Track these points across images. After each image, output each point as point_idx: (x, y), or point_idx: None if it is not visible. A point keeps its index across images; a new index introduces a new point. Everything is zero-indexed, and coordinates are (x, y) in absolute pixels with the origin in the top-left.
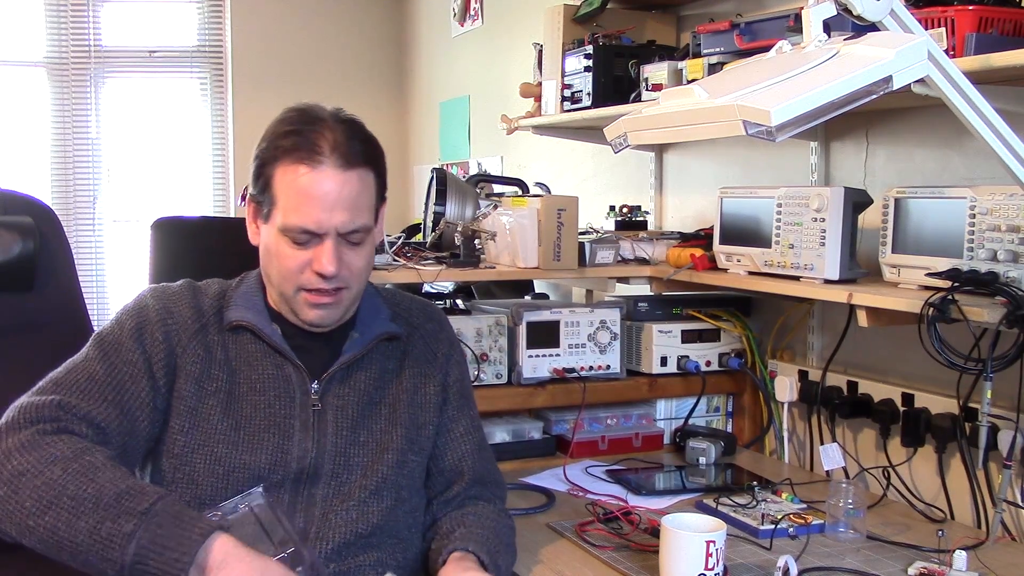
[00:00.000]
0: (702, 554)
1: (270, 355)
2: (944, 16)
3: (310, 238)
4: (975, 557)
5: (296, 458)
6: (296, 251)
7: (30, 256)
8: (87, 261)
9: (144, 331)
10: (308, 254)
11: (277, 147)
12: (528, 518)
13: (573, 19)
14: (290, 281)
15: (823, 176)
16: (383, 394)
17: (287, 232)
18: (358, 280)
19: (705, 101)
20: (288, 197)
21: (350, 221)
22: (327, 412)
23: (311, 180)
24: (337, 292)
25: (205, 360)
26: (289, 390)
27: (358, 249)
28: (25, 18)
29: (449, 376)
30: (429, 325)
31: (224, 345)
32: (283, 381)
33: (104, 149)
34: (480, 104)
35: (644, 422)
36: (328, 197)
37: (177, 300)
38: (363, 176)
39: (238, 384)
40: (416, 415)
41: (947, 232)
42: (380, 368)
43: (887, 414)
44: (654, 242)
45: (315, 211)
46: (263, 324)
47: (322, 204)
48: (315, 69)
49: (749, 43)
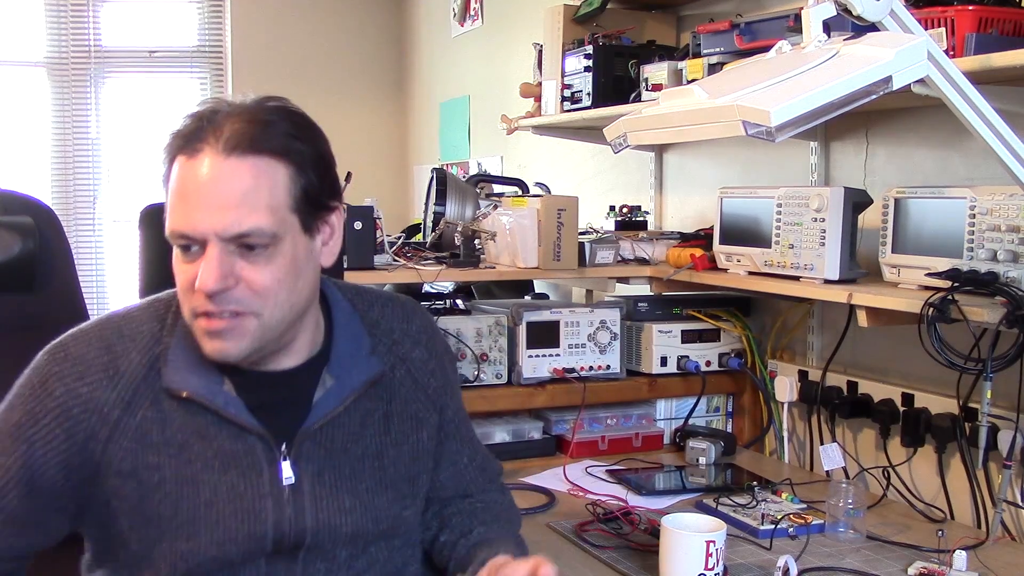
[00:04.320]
0: (702, 554)
1: (225, 425)
2: (944, 16)
3: (193, 246)
4: (975, 557)
5: (272, 540)
6: (186, 265)
7: (30, 256)
8: (87, 261)
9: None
10: (197, 268)
11: (173, 137)
12: (528, 518)
13: (573, 19)
14: (185, 304)
15: (823, 176)
16: (367, 446)
17: (172, 240)
18: (269, 303)
19: (705, 101)
20: (169, 197)
21: (234, 222)
22: (303, 482)
23: (185, 172)
24: (236, 317)
25: (138, 450)
26: (254, 464)
27: (260, 262)
28: (25, 18)
29: (446, 412)
30: (416, 352)
31: (163, 421)
32: (245, 455)
33: (104, 149)
34: (480, 104)
35: (644, 422)
36: (202, 191)
37: (89, 371)
38: (261, 166)
39: (190, 463)
40: (409, 468)
41: (947, 232)
42: (362, 415)
43: (887, 414)
44: (654, 242)
45: (188, 209)
46: (211, 390)
47: (196, 200)
48: (315, 69)
49: (749, 43)
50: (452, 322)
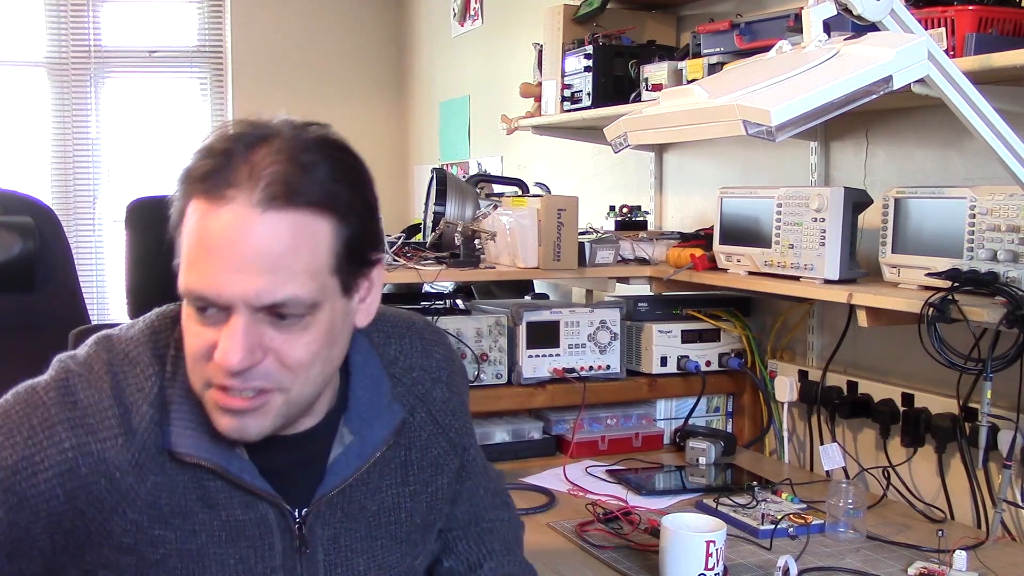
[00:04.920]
0: (702, 554)
1: (237, 492)
2: (944, 16)
3: (212, 309)
4: (975, 557)
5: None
6: (202, 328)
7: (30, 256)
8: (87, 261)
9: (32, 482)
10: (216, 334)
11: (191, 172)
12: (528, 518)
13: (573, 19)
14: (196, 372)
15: (823, 176)
16: (383, 500)
17: (186, 298)
18: (299, 378)
19: (705, 101)
20: (187, 247)
21: (267, 290)
22: (317, 551)
23: (209, 223)
24: (261, 395)
25: (143, 523)
26: (267, 535)
27: (294, 332)
28: (25, 18)
29: (468, 452)
30: (436, 391)
31: (171, 488)
32: (258, 525)
33: (104, 149)
34: (480, 104)
35: (644, 422)
36: (232, 250)
37: (102, 425)
38: (301, 223)
39: (194, 535)
40: (424, 518)
41: (947, 232)
42: (380, 468)
43: (887, 414)
44: (654, 242)
45: (211, 269)
46: (224, 456)
47: (223, 260)
48: (315, 69)
49: (749, 43)
50: (452, 322)
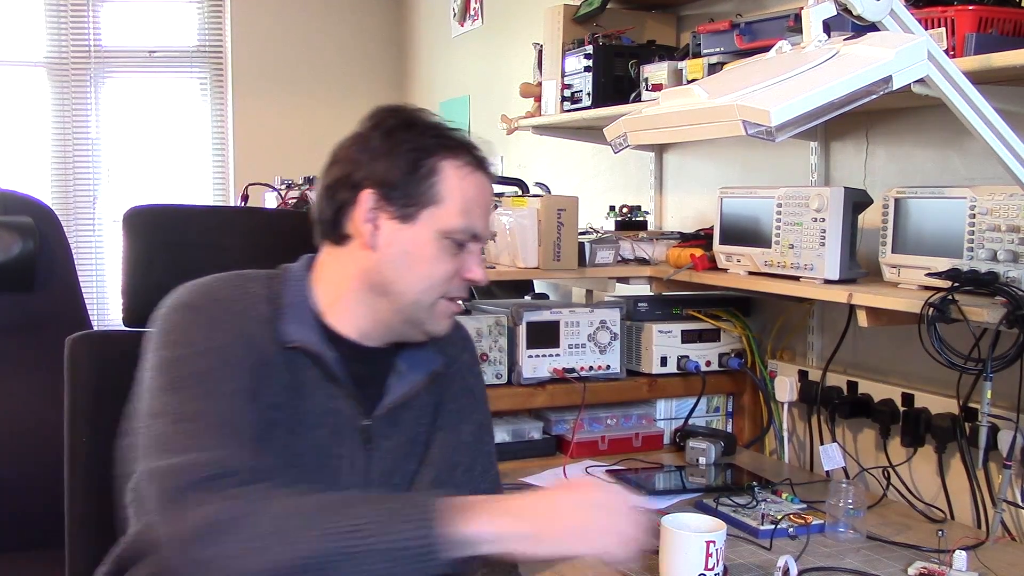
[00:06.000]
0: (702, 554)
1: (323, 384)
2: (944, 16)
3: (470, 244)
4: (975, 557)
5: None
6: (450, 258)
7: (30, 256)
8: (87, 261)
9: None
10: (457, 262)
11: (446, 138)
12: None
13: (573, 19)
14: (435, 290)
15: (823, 176)
16: (420, 432)
17: (451, 235)
18: None
19: (705, 101)
20: (461, 197)
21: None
22: (374, 453)
23: (482, 182)
24: None
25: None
26: (340, 426)
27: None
28: (25, 18)
29: (487, 418)
30: (464, 356)
31: (282, 367)
32: (335, 415)
33: (104, 149)
34: (480, 104)
35: (644, 422)
36: (489, 203)
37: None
38: None
39: (296, 413)
40: (448, 455)
41: (947, 232)
42: (421, 404)
43: (887, 414)
44: (654, 242)
45: (486, 216)
46: (321, 346)
47: (488, 209)
48: (315, 69)
49: (749, 43)
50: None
